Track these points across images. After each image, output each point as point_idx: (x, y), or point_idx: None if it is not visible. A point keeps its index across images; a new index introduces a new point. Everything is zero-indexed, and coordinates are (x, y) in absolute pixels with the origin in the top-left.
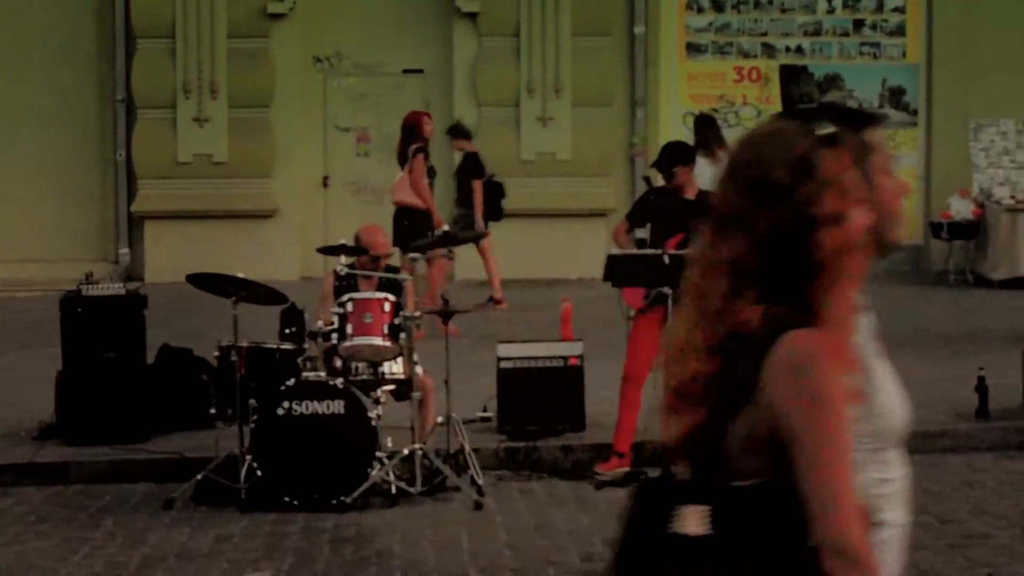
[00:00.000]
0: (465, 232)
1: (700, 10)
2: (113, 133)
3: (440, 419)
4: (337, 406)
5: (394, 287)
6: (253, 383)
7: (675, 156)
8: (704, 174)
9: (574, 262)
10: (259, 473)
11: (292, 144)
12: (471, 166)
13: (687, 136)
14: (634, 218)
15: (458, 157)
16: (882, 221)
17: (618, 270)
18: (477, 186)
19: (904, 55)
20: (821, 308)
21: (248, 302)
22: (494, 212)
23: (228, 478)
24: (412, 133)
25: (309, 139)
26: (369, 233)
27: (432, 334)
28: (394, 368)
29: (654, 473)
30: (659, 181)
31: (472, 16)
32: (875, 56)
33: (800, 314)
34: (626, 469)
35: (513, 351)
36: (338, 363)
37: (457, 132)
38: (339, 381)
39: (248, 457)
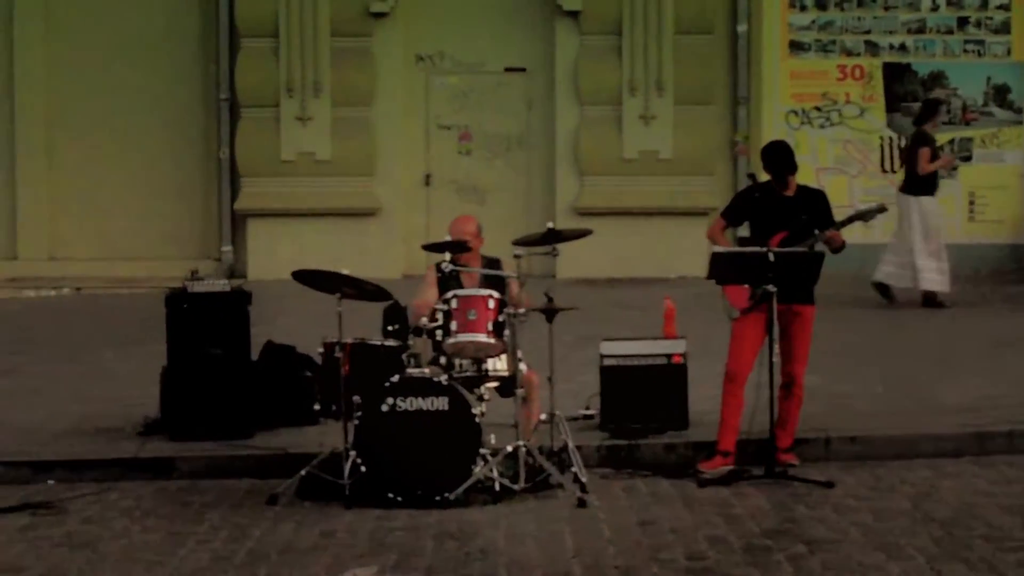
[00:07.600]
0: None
1: (803, 8)
2: (217, 132)
3: (544, 416)
4: (441, 403)
5: (498, 283)
6: (357, 380)
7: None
8: None
9: (676, 260)
10: (363, 469)
11: (394, 142)
12: None
13: (788, 134)
14: (731, 215)
15: None
16: None
17: (722, 268)
18: None
19: (1009, 53)
20: None
21: (353, 299)
22: None
23: (332, 474)
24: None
25: (411, 137)
26: (454, 222)
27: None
28: (498, 365)
29: (757, 472)
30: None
31: (574, 14)
32: (979, 54)
33: None
34: (730, 467)
35: (616, 349)
36: (442, 360)
37: None
38: (443, 378)
39: (352, 453)
